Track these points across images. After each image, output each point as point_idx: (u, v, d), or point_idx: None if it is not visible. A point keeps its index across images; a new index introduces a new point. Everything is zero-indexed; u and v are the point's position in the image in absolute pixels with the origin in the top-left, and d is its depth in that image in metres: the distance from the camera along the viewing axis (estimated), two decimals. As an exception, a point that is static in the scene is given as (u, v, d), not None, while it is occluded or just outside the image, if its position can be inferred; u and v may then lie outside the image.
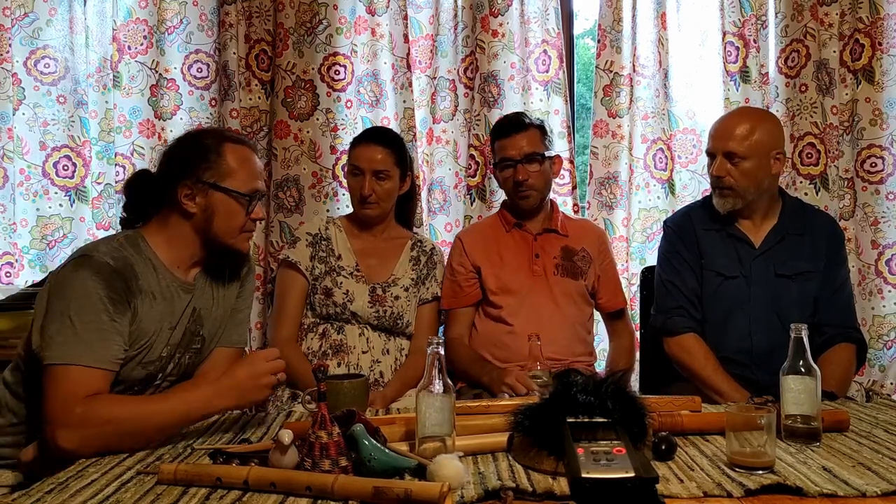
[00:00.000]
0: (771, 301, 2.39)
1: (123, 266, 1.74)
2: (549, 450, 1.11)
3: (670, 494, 1.28)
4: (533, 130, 2.65)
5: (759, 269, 2.41)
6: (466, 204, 3.18)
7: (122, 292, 1.72)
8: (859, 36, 3.10)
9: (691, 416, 1.72)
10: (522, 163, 2.60)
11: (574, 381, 1.12)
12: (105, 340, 1.67)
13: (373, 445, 1.35)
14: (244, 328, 2.08)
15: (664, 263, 2.57)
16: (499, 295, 2.63)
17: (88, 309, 1.66)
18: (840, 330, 2.38)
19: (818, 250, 2.43)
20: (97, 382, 1.65)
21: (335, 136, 3.10)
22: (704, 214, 2.52)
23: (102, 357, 1.66)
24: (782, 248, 2.42)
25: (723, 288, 2.43)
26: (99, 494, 1.33)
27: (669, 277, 2.52)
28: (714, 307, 2.44)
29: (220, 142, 1.86)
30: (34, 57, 3.01)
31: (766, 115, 2.56)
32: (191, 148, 1.87)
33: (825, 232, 2.47)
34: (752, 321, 2.39)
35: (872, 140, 3.08)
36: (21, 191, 2.99)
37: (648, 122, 3.18)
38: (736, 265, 2.43)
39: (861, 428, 1.75)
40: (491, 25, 3.12)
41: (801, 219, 2.47)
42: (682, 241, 2.52)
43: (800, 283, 2.40)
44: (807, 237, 2.44)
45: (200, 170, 1.82)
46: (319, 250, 2.59)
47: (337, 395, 1.79)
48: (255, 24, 3.12)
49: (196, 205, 1.83)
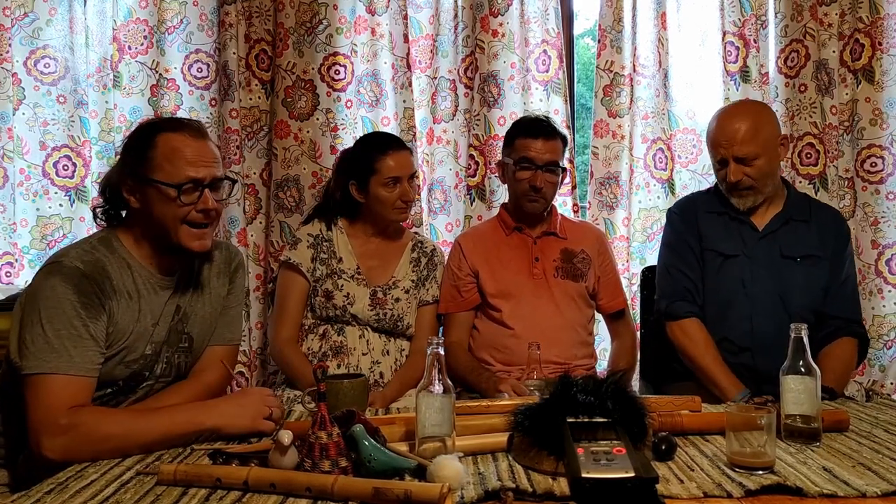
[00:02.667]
0: (775, 283, 2.38)
1: (94, 269, 1.71)
2: (549, 450, 1.11)
3: (670, 495, 1.28)
4: (558, 140, 2.64)
5: (764, 250, 2.41)
6: (466, 204, 3.18)
7: (94, 296, 1.69)
8: (859, 36, 3.09)
9: (691, 416, 1.72)
10: (542, 169, 2.58)
11: (574, 382, 1.11)
12: (80, 347, 1.65)
13: (373, 446, 1.35)
14: (237, 325, 2.04)
15: (667, 249, 2.57)
16: (498, 298, 2.62)
17: (60, 317, 1.64)
18: (843, 323, 2.38)
19: (824, 240, 2.42)
20: (78, 390, 1.63)
21: (335, 135, 3.10)
22: (709, 199, 2.53)
23: (79, 365, 1.64)
24: (787, 232, 2.42)
25: (724, 269, 2.42)
26: (98, 495, 1.33)
27: (673, 262, 2.52)
28: (716, 289, 2.43)
29: (153, 133, 1.78)
30: (34, 57, 3.00)
31: (761, 107, 2.55)
32: (129, 142, 1.82)
33: (832, 225, 2.47)
34: (755, 303, 2.38)
35: (872, 140, 3.08)
36: (21, 191, 2.99)
37: (648, 122, 3.18)
38: (738, 245, 2.43)
39: (861, 428, 1.75)
40: (491, 25, 3.12)
41: (806, 208, 2.48)
42: (685, 226, 2.52)
43: (806, 266, 2.39)
44: (813, 225, 2.44)
45: (136, 164, 1.76)
46: (321, 252, 2.59)
47: (337, 395, 1.79)
48: (255, 24, 3.11)
49: (137, 200, 1.78)
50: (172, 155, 1.75)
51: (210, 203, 1.77)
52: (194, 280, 1.92)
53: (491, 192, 3.13)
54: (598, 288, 2.71)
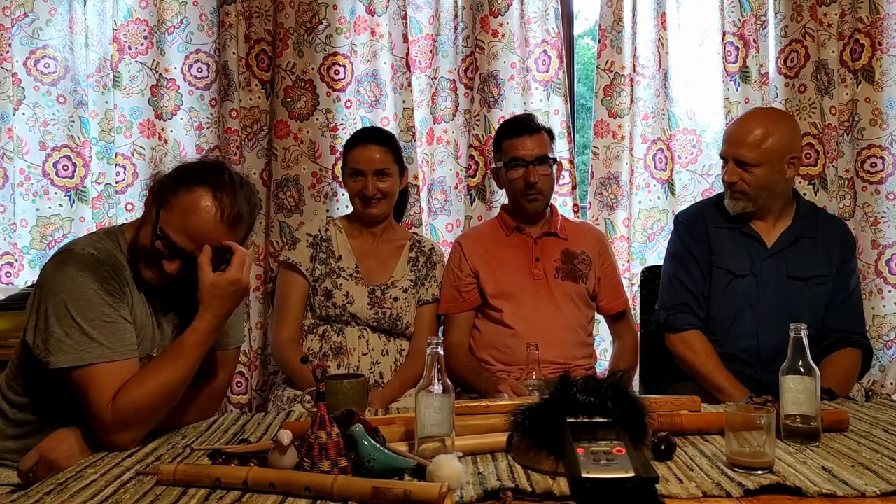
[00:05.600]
0: (781, 302, 2.37)
1: (107, 256, 1.71)
2: (549, 450, 1.11)
3: (670, 494, 1.28)
4: (543, 134, 2.65)
5: (770, 269, 2.40)
6: (466, 204, 3.18)
7: (113, 281, 1.69)
8: (859, 36, 3.09)
9: (691, 416, 1.72)
10: (534, 164, 2.59)
11: (574, 382, 1.11)
12: (117, 332, 1.65)
13: (372, 446, 1.35)
14: (238, 329, 2.01)
15: (672, 259, 2.55)
16: (499, 299, 2.62)
17: (88, 306, 1.63)
18: (846, 335, 2.37)
19: (831, 256, 2.42)
20: (125, 373, 1.64)
21: (335, 136, 3.09)
22: (717, 212, 2.51)
23: (120, 348, 1.65)
24: (795, 251, 2.41)
25: (732, 286, 2.42)
26: (98, 495, 1.33)
27: (676, 274, 2.51)
28: (723, 305, 2.43)
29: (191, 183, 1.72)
30: (34, 57, 3.00)
31: (782, 119, 2.47)
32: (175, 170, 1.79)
33: (838, 238, 2.46)
34: (761, 321, 2.37)
35: (872, 140, 3.08)
36: (21, 191, 2.98)
37: (648, 122, 3.17)
38: (746, 263, 2.41)
39: (860, 428, 1.75)
40: (491, 25, 3.12)
41: (814, 222, 2.46)
42: (692, 238, 2.50)
43: (812, 286, 2.38)
44: (819, 241, 2.43)
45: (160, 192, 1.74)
46: (320, 251, 2.59)
47: (336, 395, 1.79)
48: (255, 24, 3.11)
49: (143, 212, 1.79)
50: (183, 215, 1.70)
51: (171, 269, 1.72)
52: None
53: (491, 193, 3.13)
54: (598, 289, 2.71)
